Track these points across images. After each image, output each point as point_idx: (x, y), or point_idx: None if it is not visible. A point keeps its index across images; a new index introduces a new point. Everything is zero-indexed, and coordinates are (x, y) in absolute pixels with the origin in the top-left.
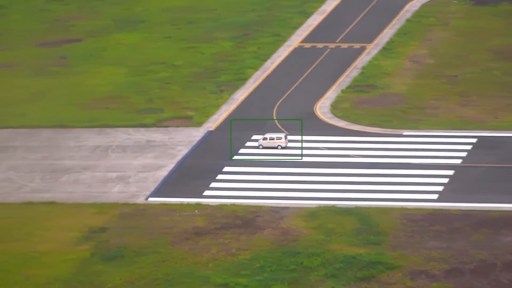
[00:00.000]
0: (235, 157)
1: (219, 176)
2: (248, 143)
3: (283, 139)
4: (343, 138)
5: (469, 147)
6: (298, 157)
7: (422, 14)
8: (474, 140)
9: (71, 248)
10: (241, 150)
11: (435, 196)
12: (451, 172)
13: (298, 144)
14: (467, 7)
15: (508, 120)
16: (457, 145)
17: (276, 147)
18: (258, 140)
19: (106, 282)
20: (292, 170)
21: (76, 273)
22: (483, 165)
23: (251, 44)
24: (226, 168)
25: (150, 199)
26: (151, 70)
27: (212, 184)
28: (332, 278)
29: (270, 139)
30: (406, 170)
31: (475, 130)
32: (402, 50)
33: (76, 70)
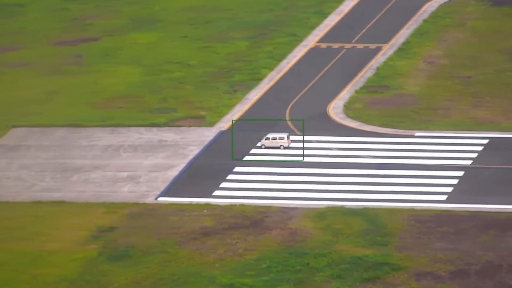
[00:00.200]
0: (246, 157)
1: (230, 176)
2: (258, 143)
3: (285, 139)
4: (355, 139)
5: (480, 148)
6: (308, 157)
7: (439, 14)
8: (485, 141)
9: (79, 248)
10: (252, 151)
11: (444, 197)
12: (460, 173)
13: (310, 145)
14: (484, 7)
15: None
16: (468, 146)
17: (279, 147)
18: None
19: (112, 282)
20: (303, 171)
21: (83, 272)
22: (493, 166)
23: (267, 44)
24: (237, 168)
25: (160, 199)
26: (165, 69)
27: (222, 184)
28: (338, 279)
29: (272, 139)
30: (416, 171)
31: (487, 131)
32: (417, 50)
33: (92, 69)
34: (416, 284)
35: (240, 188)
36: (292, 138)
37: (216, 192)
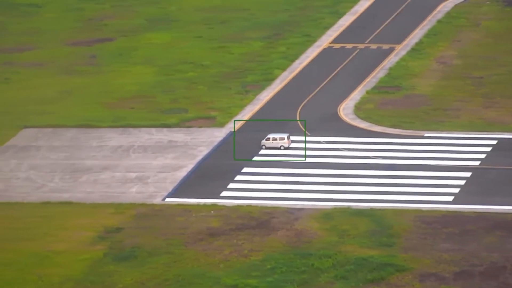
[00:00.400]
0: (255, 157)
1: (238, 177)
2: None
3: (286, 140)
4: (363, 139)
5: (488, 149)
6: (317, 158)
7: (453, 15)
8: (494, 142)
9: (86, 248)
10: (262, 151)
11: (451, 198)
12: (468, 174)
13: (319, 145)
14: (499, 8)
15: None
16: (476, 147)
17: (279, 148)
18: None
19: (117, 283)
20: (311, 172)
21: (88, 273)
22: (501, 167)
23: (280, 44)
24: (245, 169)
25: (167, 199)
26: (179, 69)
27: (230, 185)
28: (342, 280)
29: (273, 140)
30: (423, 171)
31: (496, 132)
32: (430, 51)
33: (105, 69)
34: (419, 285)
35: (248, 189)
36: (302, 138)
37: (223, 193)
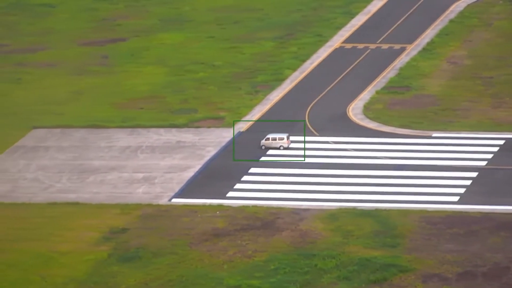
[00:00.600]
0: (262, 158)
1: (245, 178)
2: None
3: (285, 140)
4: (371, 140)
5: (495, 149)
6: (324, 158)
7: (466, 14)
8: (501, 142)
9: (90, 249)
10: (269, 151)
11: (456, 199)
12: (474, 174)
13: (327, 146)
14: (511, 7)
15: None
16: (484, 147)
17: (278, 148)
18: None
19: (120, 284)
20: (318, 172)
21: (92, 273)
22: (507, 167)
23: (292, 44)
24: (252, 169)
25: (174, 200)
26: (190, 70)
27: (237, 186)
28: (345, 281)
29: (272, 140)
30: (430, 172)
31: (505, 132)
32: (441, 51)
33: (117, 69)
34: (422, 285)
35: (254, 189)
36: (311, 139)
37: (230, 193)
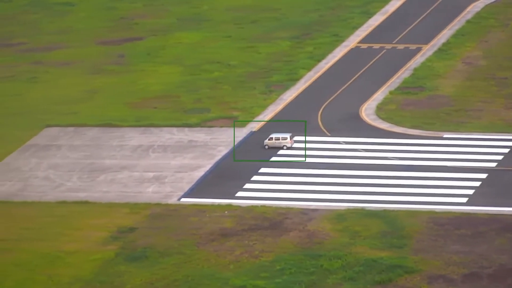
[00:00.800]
0: (273, 158)
1: (254, 177)
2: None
3: (288, 139)
4: (382, 140)
5: (506, 150)
6: (334, 158)
7: (483, 15)
8: None
9: (98, 248)
10: (280, 151)
11: (465, 200)
12: (484, 176)
13: (338, 146)
14: None
15: None
16: (494, 148)
17: (282, 147)
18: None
19: (126, 283)
20: (328, 172)
21: (98, 273)
22: None
23: (308, 44)
24: (262, 169)
25: (183, 199)
26: (205, 69)
27: (246, 185)
28: (350, 281)
29: (275, 139)
30: (440, 173)
31: None
32: (456, 51)
33: (132, 68)
34: (427, 287)
35: (264, 189)
36: (322, 139)
37: (239, 193)
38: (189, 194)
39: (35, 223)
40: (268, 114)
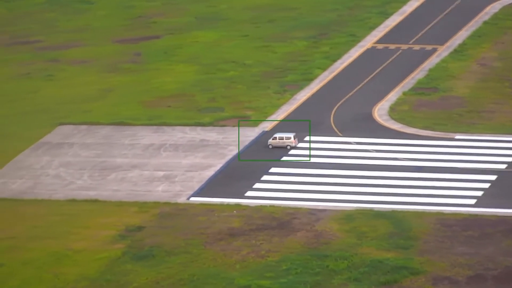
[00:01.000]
0: (283, 158)
1: (264, 177)
2: (300, 144)
3: (292, 139)
4: (394, 141)
5: None
6: (345, 159)
7: (500, 16)
8: None
9: (105, 247)
10: (291, 151)
11: (473, 201)
12: (493, 177)
13: (348, 146)
14: None
15: None
16: (505, 150)
17: (286, 147)
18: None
19: (132, 282)
20: (338, 172)
21: (105, 271)
22: None
23: (324, 44)
24: (272, 169)
25: (192, 198)
26: (221, 68)
27: (256, 185)
28: (355, 282)
29: (279, 139)
30: (448, 174)
31: None
32: (472, 52)
33: (148, 67)
34: None
35: (273, 189)
36: (333, 139)
37: (248, 193)
38: (198, 193)
39: (44, 221)
40: (281, 114)
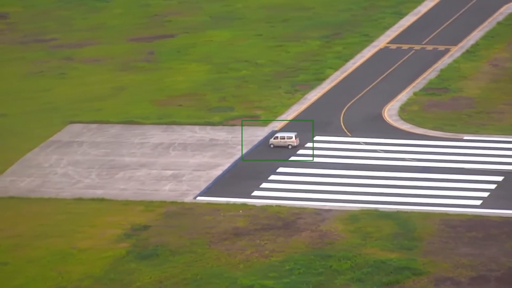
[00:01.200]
0: (292, 158)
1: (272, 177)
2: (309, 144)
3: (293, 139)
4: (402, 141)
5: None
6: (353, 159)
7: None
8: None
9: (110, 246)
10: (299, 151)
11: (479, 202)
12: (500, 179)
13: (359, 147)
14: None
15: None
16: None
17: (287, 147)
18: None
19: (135, 281)
20: (345, 173)
21: (109, 270)
22: None
23: (337, 44)
24: (280, 169)
25: (198, 198)
26: (233, 68)
27: (263, 185)
28: (358, 283)
29: (281, 138)
30: (456, 175)
31: None
32: (484, 53)
33: (161, 66)
34: None
35: (280, 189)
36: (342, 139)
37: (255, 193)
38: (205, 192)
39: (50, 219)
40: (291, 113)
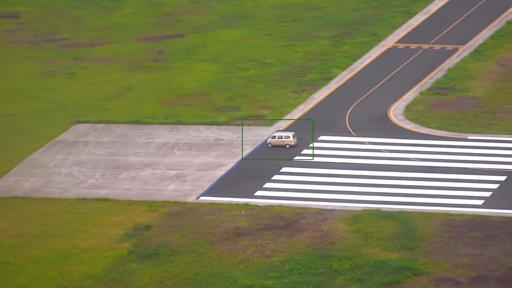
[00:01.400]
0: (296, 157)
1: (275, 177)
2: (315, 144)
3: (291, 138)
4: (407, 141)
5: None
6: (357, 159)
7: None
8: None
9: (112, 245)
10: (304, 151)
11: (481, 202)
12: (503, 178)
13: (363, 146)
14: None
15: None
16: None
17: (285, 146)
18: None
19: (136, 281)
20: (348, 172)
21: (110, 270)
22: None
23: (346, 43)
24: (284, 169)
25: (201, 198)
26: (241, 67)
27: (266, 185)
28: (358, 283)
29: (278, 138)
30: (458, 175)
31: None
32: (492, 52)
33: (170, 65)
34: None
35: (283, 189)
36: (347, 139)
37: (258, 192)
38: (208, 192)
39: (53, 219)
40: (297, 113)
